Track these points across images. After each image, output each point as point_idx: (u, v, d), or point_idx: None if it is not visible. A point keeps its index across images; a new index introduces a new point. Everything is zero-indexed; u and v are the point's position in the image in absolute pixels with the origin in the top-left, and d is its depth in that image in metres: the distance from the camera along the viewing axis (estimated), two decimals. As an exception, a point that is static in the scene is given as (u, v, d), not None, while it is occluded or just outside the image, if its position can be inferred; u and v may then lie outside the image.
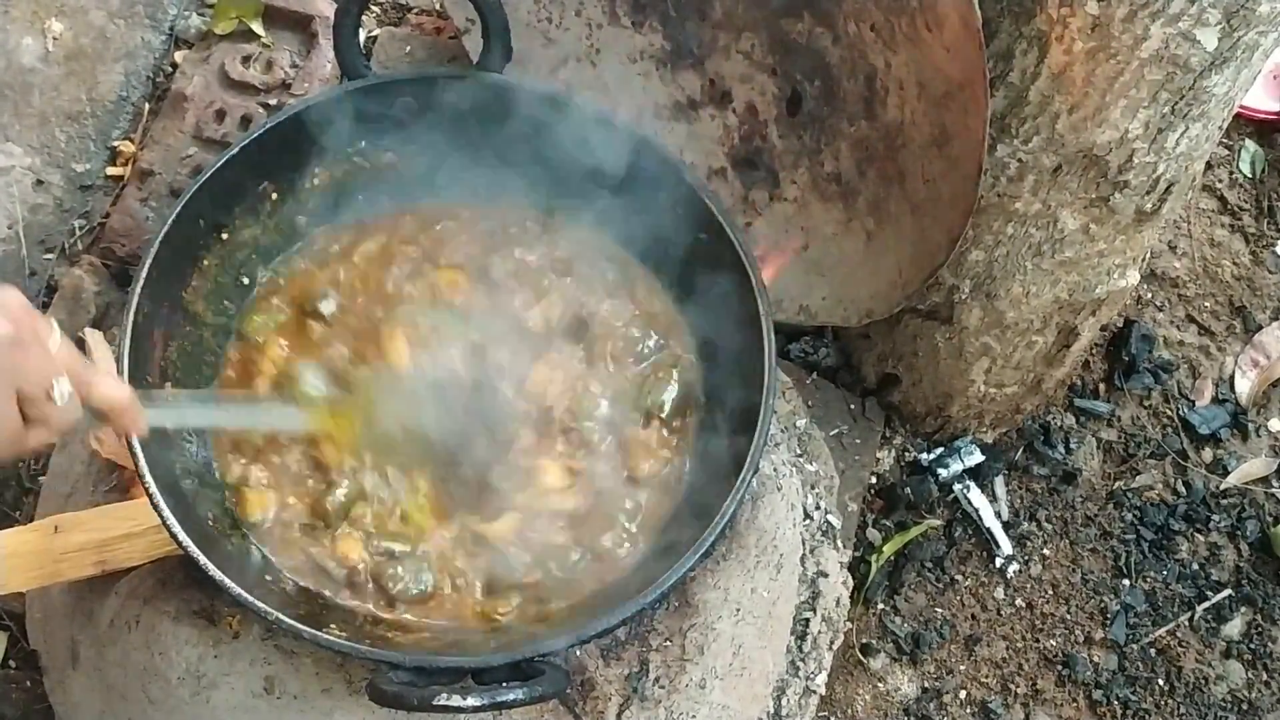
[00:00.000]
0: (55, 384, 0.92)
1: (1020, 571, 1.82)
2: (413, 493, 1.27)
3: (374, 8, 2.09)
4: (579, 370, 1.35)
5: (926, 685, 1.75)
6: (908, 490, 1.82)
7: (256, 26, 1.97)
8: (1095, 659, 1.78)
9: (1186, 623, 1.82)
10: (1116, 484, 1.90)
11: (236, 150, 1.29)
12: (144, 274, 1.21)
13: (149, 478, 1.12)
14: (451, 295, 1.39)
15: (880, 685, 1.74)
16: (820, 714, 1.67)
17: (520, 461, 1.29)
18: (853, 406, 1.84)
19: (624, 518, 1.29)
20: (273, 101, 1.92)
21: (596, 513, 1.29)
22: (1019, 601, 1.81)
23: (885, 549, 1.79)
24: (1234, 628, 1.82)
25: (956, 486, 1.83)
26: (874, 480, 1.85)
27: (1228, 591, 1.84)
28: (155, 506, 1.11)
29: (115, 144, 1.93)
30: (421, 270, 1.40)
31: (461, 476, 1.28)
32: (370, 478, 1.26)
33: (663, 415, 1.34)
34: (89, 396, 0.95)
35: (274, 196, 1.37)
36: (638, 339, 1.38)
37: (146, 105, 1.97)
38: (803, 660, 1.50)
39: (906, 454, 1.87)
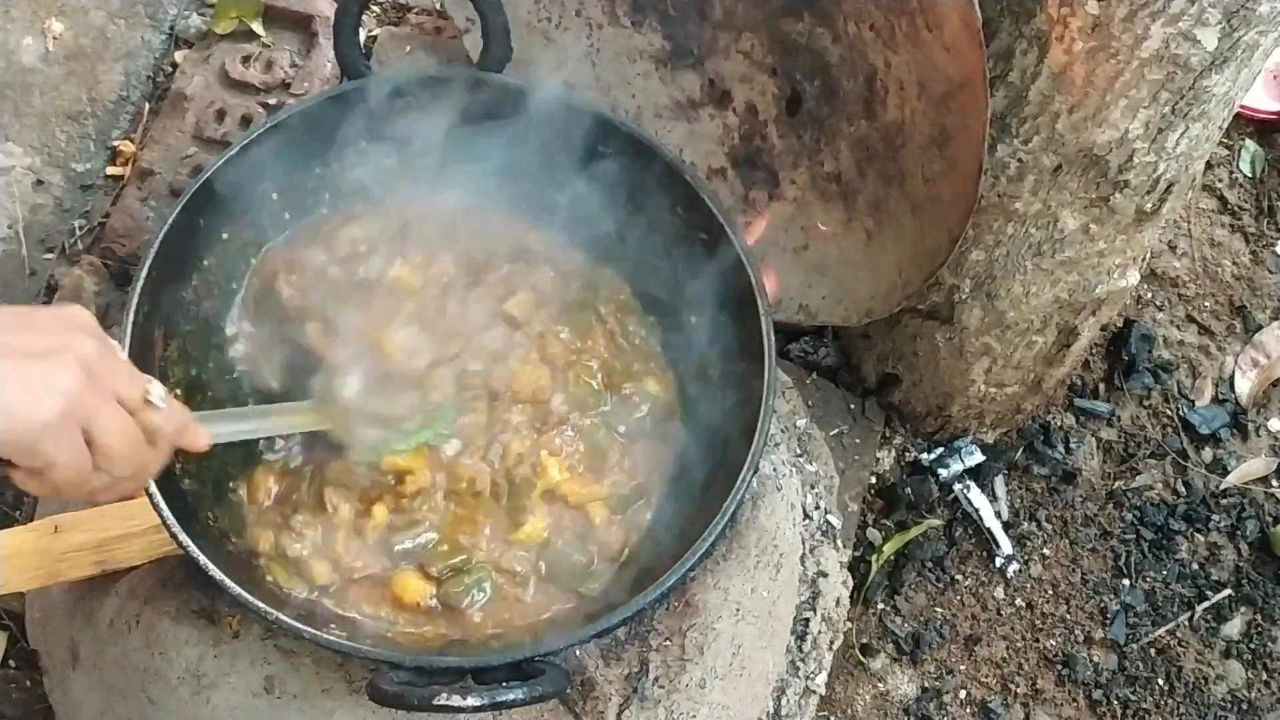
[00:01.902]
0: (149, 387, 0.89)
1: (1020, 571, 1.82)
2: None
3: (374, 7, 2.09)
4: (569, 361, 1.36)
5: (926, 685, 1.75)
6: (908, 490, 1.82)
7: (256, 26, 1.97)
8: (1095, 659, 1.79)
9: (1186, 622, 1.82)
10: (1116, 484, 1.90)
11: (237, 150, 1.29)
12: (144, 274, 1.21)
13: (149, 477, 1.12)
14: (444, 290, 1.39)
15: (880, 685, 1.74)
16: (820, 714, 1.67)
17: (522, 463, 1.29)
18: (853, 406, 1.84)
19: (631, 512, 1.30)
20: (273, 101, 1.92)
21: (612, 503, 1.30)
22: (1019, 601, 1.81)
23: (885, 549, 1.79)
24: (1234, 627, 1.82)
25: (956, 486, 1.83)
26: (874, 480, 1.85)
27: (1227, 591, 1.84)
28: (155, 506, 1.11)
29: (115, 144, 1.93)
30: (414, 270, 1.40)
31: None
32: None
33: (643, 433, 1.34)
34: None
35: (274, 196, 1.37)
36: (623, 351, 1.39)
37: (147, 105, 1.97)
38: (803, 660, 1.50)
39: (907, 454, 1.87)
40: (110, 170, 1.92)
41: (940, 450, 1.85)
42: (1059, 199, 1.43)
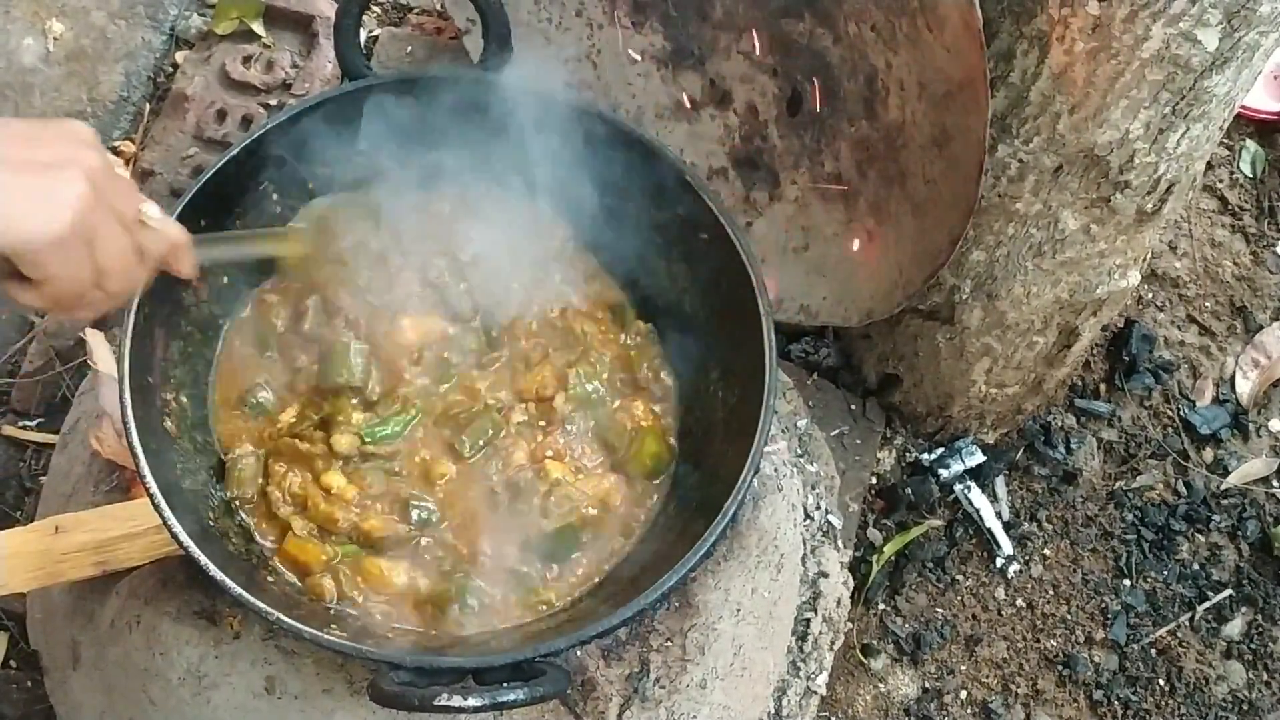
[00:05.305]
0: (143, 206, 0.91)
1: (1021, 572, 1.82)
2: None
3: (375, 8, 2.09)
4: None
5: (927, 685, 1.75)
6: (908, 490, 1.82)
7: (257, 27, 1.97)
8: (1096, 659, 1.79)
9: (1187, 623, 1.82)
10: (1117, 484, 1.90)
11: (237, 150, 1.29)
12: (144, 274, 1.21)
13: (149, 478, 1.12)
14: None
15: (881, 685, 1.74)
16: (821, 714, 1.67)
17: (523, 470, 1.29)
18: (853, 407, 1.84)
19: (626, 516, 1.30)
20: (273, 101, 1.92)
21: (608, 508, 1.30)
22: (1020, 602, 1.81)
23: (886, 549, 1.79)
24: (1234, 628, 1.82)
25: (957, 487, 1.83)
26: (875, 480, 1.85)
27: (1228, 592, 1.84)
28: (156, 506, 1.11)
29: (116, 144, 1.94)
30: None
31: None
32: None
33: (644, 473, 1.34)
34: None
35: (274, 197, 1.37)
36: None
37: (147, 105, 1.97)
38: (803, 660, 1.50)
39: (907, 454, 1.87)
40: (111, 171, 1.92)
41: (941, 451, 1.85)
42: (1060, 199, 1.43)
